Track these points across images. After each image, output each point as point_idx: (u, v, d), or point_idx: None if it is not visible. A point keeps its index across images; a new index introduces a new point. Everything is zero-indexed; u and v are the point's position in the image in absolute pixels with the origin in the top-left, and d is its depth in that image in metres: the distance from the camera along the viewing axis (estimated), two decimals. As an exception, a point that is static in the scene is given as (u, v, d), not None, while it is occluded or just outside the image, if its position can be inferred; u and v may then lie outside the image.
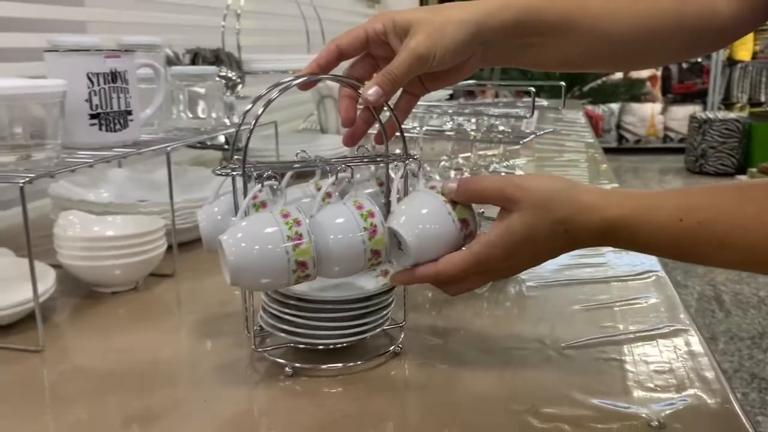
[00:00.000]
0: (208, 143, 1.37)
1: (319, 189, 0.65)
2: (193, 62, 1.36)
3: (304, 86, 0.62)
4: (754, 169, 4.89)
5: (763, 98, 6.36)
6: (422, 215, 0.56)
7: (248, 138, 0.57)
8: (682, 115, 6.48)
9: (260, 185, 0.57)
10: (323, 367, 0.60)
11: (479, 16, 0.58)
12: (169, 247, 0.84)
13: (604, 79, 5.63)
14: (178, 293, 0.82)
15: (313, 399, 0.56)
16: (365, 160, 0.63)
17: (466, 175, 1.02)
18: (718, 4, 0.61)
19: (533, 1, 0.60)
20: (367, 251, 0.57)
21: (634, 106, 6.52)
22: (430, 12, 0.59)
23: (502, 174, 1.13)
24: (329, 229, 0.56)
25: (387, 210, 0.60)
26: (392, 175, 0.66)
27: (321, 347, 0.61)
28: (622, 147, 6.53)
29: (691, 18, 0.61)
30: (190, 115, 1.01)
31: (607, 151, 2.43)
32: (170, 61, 1.29)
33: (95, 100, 0.79)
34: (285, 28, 2.10)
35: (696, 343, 0.64)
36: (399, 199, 0.60)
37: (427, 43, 0.57)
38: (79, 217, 0.82)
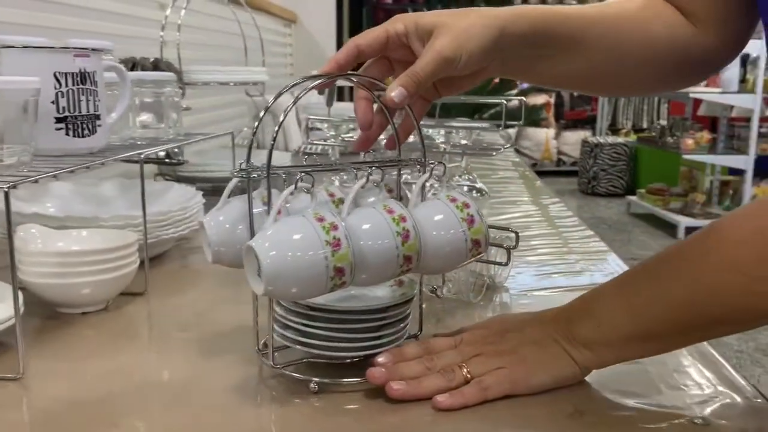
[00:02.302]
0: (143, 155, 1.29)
1: (331, 195, 0.62)
2: (131, 71, 1.28)
3: (322, 85, 0.59)
4: (642, 190, 5.22)
5: (645, 124, 6.84)
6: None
7: (274, 139, 0.53)
8: (573, 140, 6.85)
9: (293, 187, 0.53)
10: (345, 381, 0.57)
11: (501, 22, 0.58)
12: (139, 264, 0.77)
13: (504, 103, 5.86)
14: (153, 312, 0.76)
15: (339, 416, 0.53)
16: (391, 163, 0.61)
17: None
18: (704, 38, 0.64)
19: (547, 15, 0.61)
20: (399, 257, 0.54)
21: (530, 131, 6.83)
22: (454, 16, 0.58)
23: (464, 187, 1.13)
24: (362, 233, 0.53)
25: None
26: (408, 179, 0.65)
27: (348, 360, 0.58)
28: (520, 170, 6.80)
29: (679, 47, 0.64)
30: (148, 124, 0.95)
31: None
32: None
33: (62, 102, 0.72)
34: (222, 43, 2.03)
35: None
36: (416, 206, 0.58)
37: (452, 46, 0.56)
38: (39, 231, 0.74)
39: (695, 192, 4.91)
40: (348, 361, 0.58)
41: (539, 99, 6.65)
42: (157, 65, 1.31)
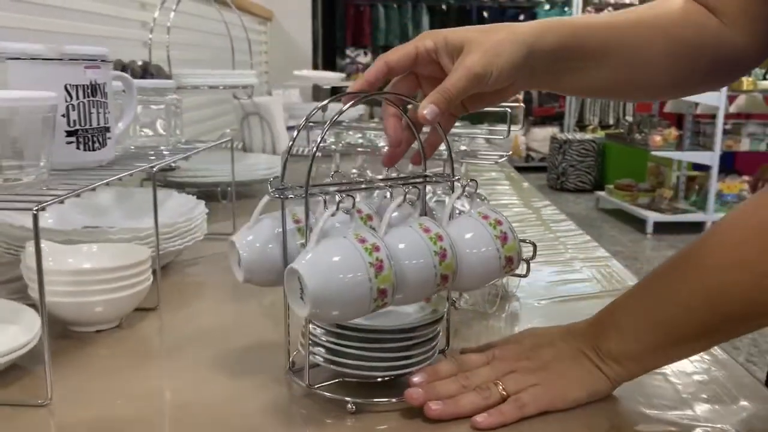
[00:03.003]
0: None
1: (358, 211, 0.62)
2: (121, 75, 1.25)
3: (350, 99, 0.58)
4: (610, 186, 5.31)
5: (611, 121, 6.95)
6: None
7: (312, 159, 0.53)
8: (542, 136, 6.92)
9: (335, 208, 0.53)
10: (378, 401, 0.57)
11: (529, 38, 0.58)
12: (150, 278, 0.76)
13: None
14: (168, 328, 0.74)
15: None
16: (423, 180, 0.60)
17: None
18: (734, 37, 0.64)
19: (575, 27, 0.62)
20: (437, 276, 0.54)
21: (499, 127, 6.88)
22: (484, 32, 0.58)
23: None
24: (401, 253, 0.53)
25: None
26: (435, 194, 0.65)
27: (378, 379, 0.57)
28: (490, 166, 6.85)
29: (708, 48, 0.64)
30: (150, 132, 0.93)
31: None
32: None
33: (73, 116, 0.70)
34: (204, 43, 2.00)
35: (716, 349, 0.68)
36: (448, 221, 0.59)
37: (483, 62, 0.56)
38: (48, 246, 0.72)
39: (662, 187, 5.01)
40: (379, 379, 0.57)
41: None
42: (146, 69, 1.29)
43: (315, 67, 3.97)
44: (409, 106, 0.60)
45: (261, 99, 1.57)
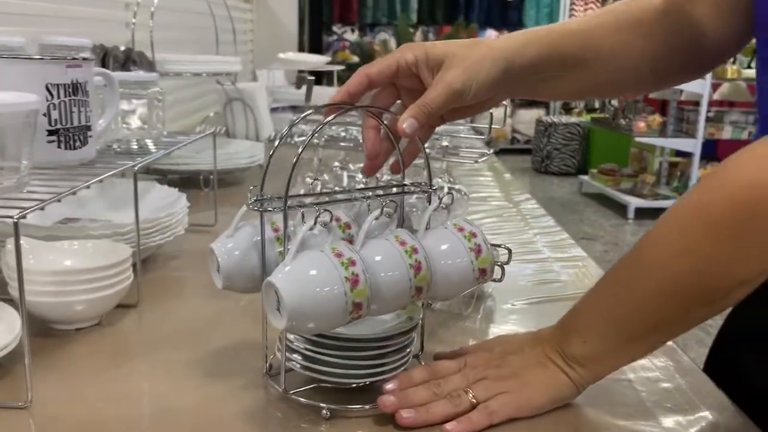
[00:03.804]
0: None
1: (337, 219, 0.63)
2: (103, 62, 1.24)
3: (331, 111, 0.59)
4: (594, 170, 5.35)
5: (597, 104, 6.97)
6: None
7: (290, 176, 0.53)
8: (528, 118, 6.94)
9: (313, 223, 0.54)
10: (353, 407, 0.58)
11: (508, 54, 0.60)
12: (131, 275, 0.77)
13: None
14: (147, 326, 0.75)
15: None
16: (401, 190, 0.62)
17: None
18: (707, 29, 0.66)
19: (552, 37, 0.63)
20: (412, 288, 0.56)
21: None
22: (464, 47, 0.59)
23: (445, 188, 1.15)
24: (377, 266, 0.54)
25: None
26: (414, 203, 0.66)
27: (354, 385, 0.59)
28: (475, 147, 6.86)
29: (688, 41, 0.66)
30: (132, 125, 0.93)
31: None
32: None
33: (54, 115, 0.70)
34: (189, 24, 1.98)
35: (682, 357, 0.70)
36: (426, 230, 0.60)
37: (462, 78, 0.58)
38: (28, 243, 0.73)
39: (645, 173, 5.05)
40: (354, 385, 0.59)
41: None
42: (129, 55, 1.28)
43: (301, 44, 3.94)
44: (387, 116, 0.61)
45: (245, 85, 1.56)
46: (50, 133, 0.70)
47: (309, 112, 0.58)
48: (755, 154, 0.50)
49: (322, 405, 0.57)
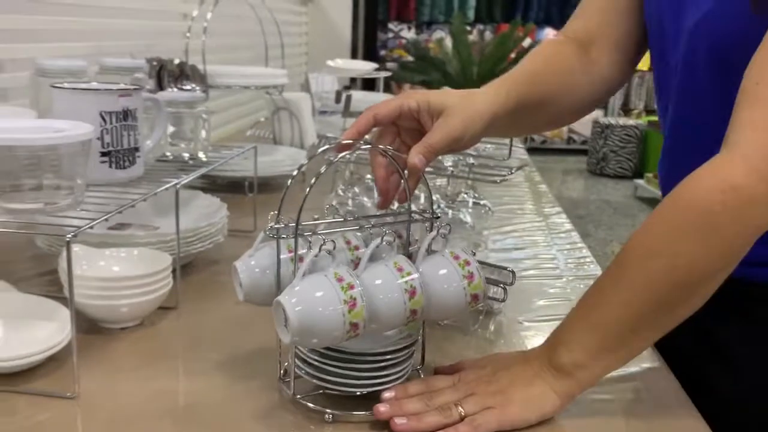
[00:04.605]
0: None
1: (347, 242, 0.70)
2: (159, 75, 1.34)
3: (343, 148, 0.67)
4: (650, 174, 5.26)
5: (656, 106, 6.83)
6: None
7: (301, 206, 0.61)
8: (585, 118, 6.83)
9: (318, 250, 0.61)
10: (355, 413, 0.65)
11: (496, 108, 0.71)
12: (171, 279, 0.85)
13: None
14: (185, 329, 0.84)
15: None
16: (408, 218, 0.69)
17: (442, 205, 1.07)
18: (604, 72, 0.85)
19: (520, 89, 0.75)
20: (406, 311, 0.62)
21: (542, 107, 6.84)
22: (462, 99, 0.69)
23: (470, 202, 1.20)
24: (375, 289, 0.61)
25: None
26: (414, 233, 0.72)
27: (357, 393, 0.66)
28: (529, 147, 6.83)
29: (596, 80, 0.85)
30: (180, 143, 1.02)
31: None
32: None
33: (107, 138, 0.79)
34: (239, 38, 2.09)
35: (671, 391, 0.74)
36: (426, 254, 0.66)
37: (460, 128, 0.68)
38: (83, 250, 0.82)
39: (702, 179, 4.93)
40: (358, 393, 0.66)
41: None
42: (182, 69, 1.38)
43: (354, 43, 4.02)
44: (391, 152, 0.68)
45: (291, 95, 1.65)
46: (103, 154, 0.79)
47: (322, 149, 0.65)
48: (709, 170, 0.60)
49: (327, 410, 0.64)
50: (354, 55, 3.87)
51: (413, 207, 0.70)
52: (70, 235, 0.62)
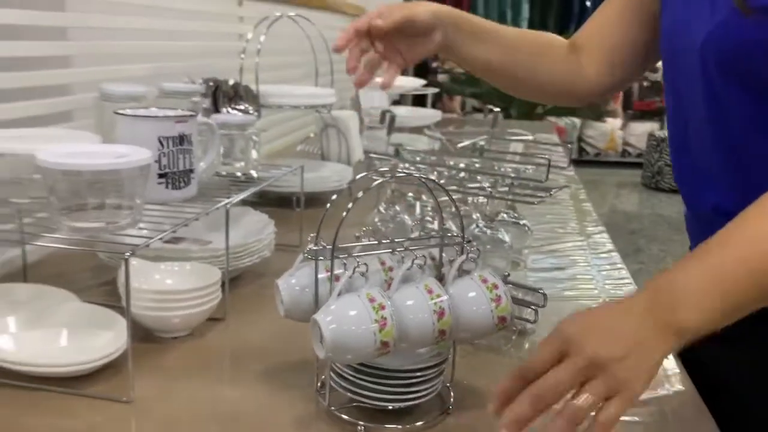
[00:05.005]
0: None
1: (382, 263, 0.74)
2: (214, 95, 1.42)
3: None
4: (706, 190, 5.13)
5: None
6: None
7: (337, 230, 0.65)
8: (641, 131, 6.74)
9: (352, 272, 0.65)
10: (388, 426, 0.69)
11: (434, 7, 0.90)
12: (219, 292, 0.91)
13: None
14: (232, 339, 0.89)
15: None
16: (440, 241, 0.72)
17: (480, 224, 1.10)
18: (587, 73, 0.96)
19: (461, 13, 0.93)
20: (435, 331, 0.66)
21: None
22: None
23: (509, 222, 1.23)
24: (405, 310, 0.65)
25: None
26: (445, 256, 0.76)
27: (390, 407, 0.69)
28: (582, 159, 6.75)
29: (577, 78, 0.96)
30: (233, 163, 1.08)
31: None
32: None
33: (164, 161, 0.86)
34: (290, 56, 2.16)
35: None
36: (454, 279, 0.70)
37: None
38: (139, 264, 0.89)
39: (762, 195, 4.79)
40: (390, 408, 0.70)
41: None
42: (236, 90, 1.45)
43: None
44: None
45: (339, 113, 1.70)
46: (160, 176, 0.86)
47: (347, 184, 0.70)
48: None
49: (360, 422, 0.68)
50: (404, 68, 3.91)
51: (448, 227, 0.74)
52: (128, 254, 0.68)
